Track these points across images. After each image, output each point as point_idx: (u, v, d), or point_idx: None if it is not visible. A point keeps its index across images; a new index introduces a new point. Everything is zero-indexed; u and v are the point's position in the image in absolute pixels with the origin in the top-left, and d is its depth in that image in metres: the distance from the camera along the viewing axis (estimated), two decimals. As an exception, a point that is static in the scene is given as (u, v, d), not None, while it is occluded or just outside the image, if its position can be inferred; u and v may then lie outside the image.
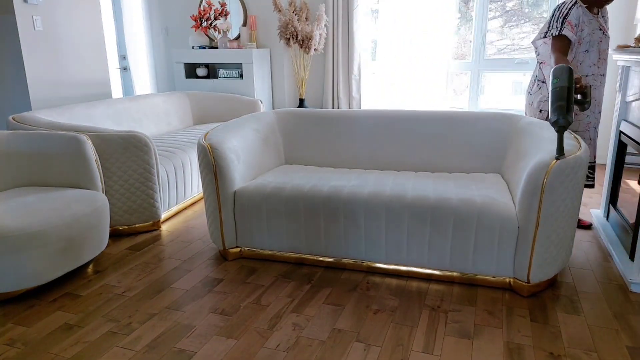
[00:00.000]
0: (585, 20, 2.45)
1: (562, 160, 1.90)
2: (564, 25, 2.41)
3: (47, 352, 1.74)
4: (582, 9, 2.45)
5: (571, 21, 2.41)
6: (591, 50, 2.50)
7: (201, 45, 4.91)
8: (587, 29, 2.45)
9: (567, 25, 2.41)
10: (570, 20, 2.41)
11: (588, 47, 2.49)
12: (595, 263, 2.40)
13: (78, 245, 2.21)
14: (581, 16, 2.44)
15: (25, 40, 3.34)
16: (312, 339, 1.80)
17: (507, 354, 1.70)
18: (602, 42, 2.51)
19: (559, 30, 2.41)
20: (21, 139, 2.51)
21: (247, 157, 2.60)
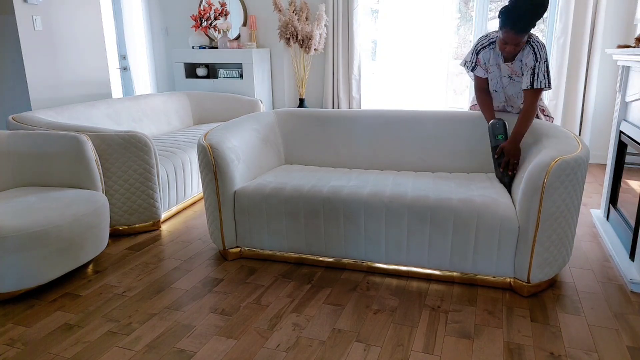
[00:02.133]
0: (493, 63, 2.42)
1: (562, 160, 1.90)
2: (476, 63, 2.46)
3: (47, 352, 1.74)
4: (494, 51, 2.40)
5: (480, 60, 2.44)
6: (497, 92, 2.54)
7: (201, 45, 4.91)
8: (494, 72, 2.45)
9: (478, 63, 2.45)
10: (480, 59, 2.44)
11: (495, 88, 2.52)
12: (595, 263, 2.40)
13: (78, 245, 2.20)
14: (490, 59, 2.42)
15: (25, 40, 3.34)
16: (312, 339, 1.80)
17: (507, 354, 1.70)
18: (508, 87, 2.49)
19: (472, 67, 2.47)
20: (21, 139, 2.51)
21: (247, 157, 2.60)
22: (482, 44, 2.43)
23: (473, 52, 2.46)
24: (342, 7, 4.66)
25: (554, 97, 4.29)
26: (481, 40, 2.44)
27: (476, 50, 2.44)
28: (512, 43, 2.22)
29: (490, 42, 2.41)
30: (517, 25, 2.12)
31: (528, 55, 2.30)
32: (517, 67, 2.37)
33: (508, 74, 2.42)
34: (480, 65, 2.45)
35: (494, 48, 2.39)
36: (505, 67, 2.40)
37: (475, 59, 2.45)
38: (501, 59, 2.39)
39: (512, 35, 2.17)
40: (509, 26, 2.14)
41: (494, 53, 2.40)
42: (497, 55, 2.40)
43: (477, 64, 2.46)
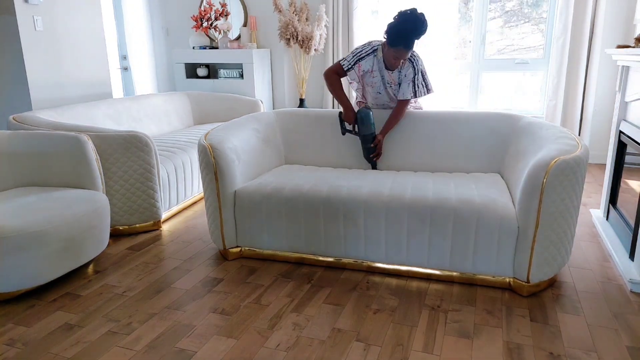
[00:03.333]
0: (376, 69, 2.63)
1: (562, 160, 1.90)
2: (354, 66, 2.63)
3: (47, 352, 1.74)
4: (377, 59, 2.60)
5: (361, 66, 2.63)
6: (381, 94, 2.74)
7: (202, 45, 4.91)
8: (377, 77, 2.65)
9: (356, 68, 2.63)
10: (361, 65, 2.63)
11: (378, 90, 2.72)
12: (595, 263, 2.40)
13: (78, 245, 2.21)
14: (373, 65, 2.62)
15: (26, 40, 3.34)
16: (312, 339, 1.80)
17: (506, 353, 1.71)
18: (382, 94, 2.74)
19: (348, 68, 2.64)
20: (22, 139, 2.52)
21: (248, 157, 2.60)
22: (365, 51, 2.62)
23: (355, 56, 2.63)
24: (342, 8, 4.67)
25: (553, 97, 4.29)
26: (365, 48, 2.63)
27: (359, 56, 2.62)
28: (402, 58, 2.48)
29: (373, 50, 2.61)
30: (408, 44, 2.40)
31: (408, 69, 2.59)
32: (395, 76, 2.63)
33: (389, 81, 2.65)
34: (355, 71, 2.65)
35: (377, 55, 2.60)
36: (387, 75, 2.63)
37: (356, 63, 2.63)
38: (383, 66, 2.61)
39: (404, 51, 2.43)
40: (402, 45, 2.40)
41: (377, 60, 2.61)
42: (379, 63, 2.61)
43: (353, 68, 2.64)
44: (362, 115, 2.60)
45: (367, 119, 2.60)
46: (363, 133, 2.63)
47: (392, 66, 2.56)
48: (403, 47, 2.41)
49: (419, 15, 2.39)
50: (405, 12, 2.41)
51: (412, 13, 2.39)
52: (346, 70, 2.65)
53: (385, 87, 2.70)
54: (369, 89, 2.75)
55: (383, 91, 2.72)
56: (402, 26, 2.38)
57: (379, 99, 2.79)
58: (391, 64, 2.54)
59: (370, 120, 2.61)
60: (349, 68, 2.64)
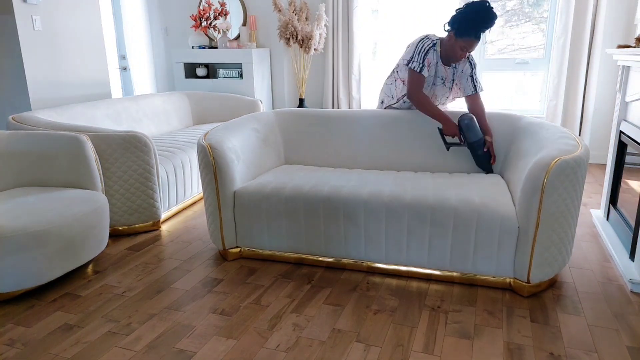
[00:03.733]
0: (434, 64, 2.55)
1: (562, 160, 1.90)
2: (424, 63, 2.50)
3: (47, 352, 1.74)
4: (437, 53, 2.53)
5: (429, 60, 2.52)
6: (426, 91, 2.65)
7: (201, 45, 4.90)
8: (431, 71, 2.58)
9: (426, 63, 2.51)
10: (429, 59, 2.52)
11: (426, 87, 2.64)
12: (595, 263, 2.40)
13: (78, 245, 2.20)
14: (432, 60, 2.53)
15: (25, 40, 3.33)
16: (312, 339, 1.80)
17: (507, 354, 1.70)
18: (439, 88, 2.65)
19: (420, 68, 2.50)
20: (21, 139, 2.51)
21: (247, 157, 2.60)
22: (428, 45, 2.51)
23: (420, 53, 2.51)
24: (342, 7, 4.66)
25: (554, 97, 4.29)
26: (425, 42, 2.52)
27: (424, 51, 2.50)
28: (471, 49, 2.38)
29: (433, 43, 2.51)
30: (479, 35, 2.32)
31: (464, 64, 2.54)
32: (450, 72, 2.57)
33: (443, 76, 2.56)
34: (428, 66, 2.52)
35: (436, 50, 2.52)
36: (442, 70, 2.54)
37: (424, 60, 2.50)
38: (440, 61, 2.53)
39: (475, 41, 2.35)
40: (473, 35, 2.32)
41: (436, 54, 2.53)
42: (438, 57, 2.54)
43: (424, 65, 2.50)
44: (467, 122, 2.46)
45: (472, 125, 2.45)
46: (471, 140, 2.47)
47: (456, 59, 2.48)
48: (474, 37, 2.33)
49: (489, 6, 2.32)
50: (474, 2, 2.34)
51: (482, 3, 2.32)
52: (420, 71, 2.50)
53: (434, 84, 2.61)
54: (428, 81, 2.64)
55: (428, 87, 2.63)
56: (473, 16, 2.30)
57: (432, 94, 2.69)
58: (456, 56, 2.46)
59: (476, 126, 2.46)
60: (421, 67, 2.50)
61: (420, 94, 2.54)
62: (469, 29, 2.32)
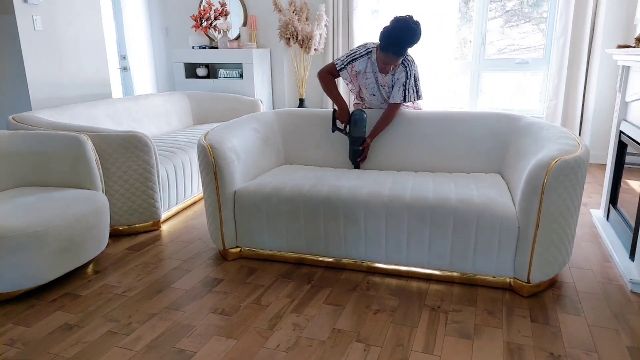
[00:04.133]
0: (370, 71, 2.64)
1: (562, 160, 1.90)
2: (347, 66, 2.66)
3: (47, 352, 1.74)
4: (370, 61, 2.62)
5: (354, 66, 2.65)
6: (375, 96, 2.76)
7: (201, 45, 4.91)
8: (363, 78, 2.69)
9: (350, 68, 2.65)
10: (354, 65, 2.65)
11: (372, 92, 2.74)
12: (595, 263, 2.40)
13: (78, 245, 2.21)
14: (367, 67, 2.64)
15: (25, 40, 3.34)
16: (312, 339, 1.80)
17: (507, 354, 1.70)
18: (376, 95, 2.76)
19: (341, 68, 2.67)
20: (21, 139, 2.51)
21: (247, 157, 2.60)
22: (360, 53, 2.63)
23: (349, 57, 2.65)
24: (342, 8, 4.66)
25: (553, 97, 4.29)
26: (359, 50, 2.64)
27: (353, 57, 2.64)
28: (392, 64, 2.49)
29: (368, 52, 2.62)
30: (398, 52, 2.39)
31: (401, 73, 2.59)
32: (388, 79, 2.64)
33: (382, 84, 2.67)
34: (348, 71, 2.67)
35: (370, 58, 2.62)
36: (380, 77, 2.64)
37: (349, 63, 2.65)
38: (377, 69, 2.62)
39: (394, 58, 2.43)
40: (391, 51, 2.40)
41: (370, 62, 2.62)
42: (373, 65, 2.62)
43: (346, 68, 2.66)
44: (357, 118, 2.62)
45: (360, 122, 2.63)
46: (354, 135, 2.66)
47: (382, 70, 2.59)
48: (392, 54, 2.41)
49: (413, 24, 2.37)
50: (399, 18, 2.39)
51: (406, 21, 2.37)
52: (339, 69, 2.67)
53: (379, 89, 2.71)
54: (364, 89, 2.77)
55: (377, 93, 2.74)
56: (394, 33, 2.36)
57: (374, 100, 2.81)
58: (382, 68, 2.56)
59: (363, 124, 2.64)
60: (342, 68, 2.67)
61: (326, 76, 2.71)
62: (389, 45, 2.39)
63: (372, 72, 2.64)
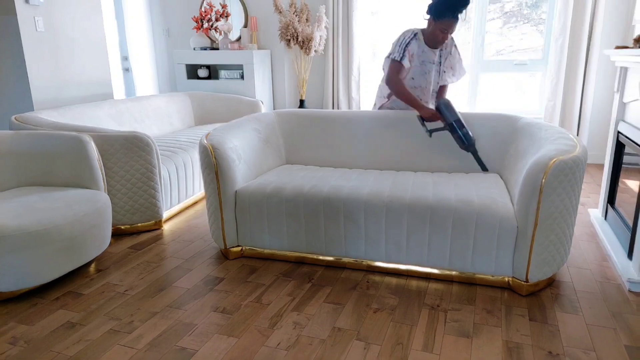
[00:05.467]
0: (419, 52, 2.71)
1: (560, 160, 1.92)
2: (405, 53, 2.66)
3: (50, 351, 1.75)
4: (419, 42, 2.69)
5: (410, 50, 2.66)
6: (417, 79, 2.78)
7: (202, 46, 4.92)
8: (417, 60, 2.72)
9: (407, 54, 2.66)
10: (410, 50, 2.66)
11: (414, 75, 2.77)
12: (593, 262, 2.42)
13: (80, 244, 2.22)
14: (417, 49, 2.69)
15: (27, 41, 3.36)
16: (312, 338, 1.82)
17: (506, 352, 1.72)
18: (430, 72, 2.78)
19: (401, 57, 2.65)
20: (24, 139, 2.53)
21: (248, 157, 2.62)
22: (408, 37, 2.68)
23: (401, 45, 2.67)
24: (342, 9, 4.68)
25: (552, 98, 4.31)
26: (406, 35, 2.69)
27: (406, 43, 2.67)
28: (450, 29, 2.56)
29: (414, 34, 2.68)
30: (455, 14, 2.50)
31: (451, 46, 2.73)
32: (437, 54, 2.73)
33: (432, 60, 2.73)
34: (407, 58, 2.67)
35: (418, 39, 2.69)
36: (431, 55, 2.71)
37: (404, 50, 2.66)
38: (426, 48, 2.70)
39: (453, 22, 2.52)
40: (450, 15, 2.49)
41: (419, 43, 2.69)
42: (422, 44, 2.70)
43: (405, 56, 2.66)
44: (445, 104, 2.54)
45: (449, 106, 2.54)
46: (452, 120, 2.52)
47: (439, 42, 2.64)
48: (452, 17, 2.50)
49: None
50: None
51: None
52: (401, 60, 2.64)
53: (427, 70, 2.75)
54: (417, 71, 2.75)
55: (431, 69, 2.76)
56: None
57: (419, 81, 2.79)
58: (438, 39, 2.62)
59: (452, 105, 2.55)
60: (402, 57, 2.64)
61: (398, 81, 2.66)
62: (445, 11, 2.49)
63: (423, 51, 2.70)
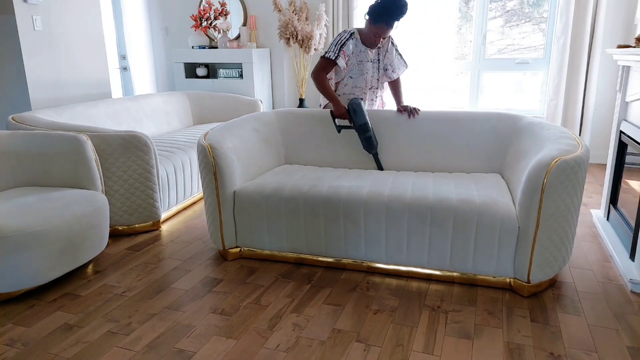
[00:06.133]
0: (356, 51, 2.77)
1: (562, 160, 1.90)
2: (340, 53, 2.72)
3: (47, 352, 1.74)
4: (356, 41, 2.76)
5: (345, 51, 2.73)
6: (356, 78, 2.84)
7: (201, 45, 4.90)
8: (354, 59, 2.79)
9: (342, 54, 2.73)
10: (345, 50, 2.73)
11: (353, 74, 2.83)
12: (595, 263, 2.40)
13: (78, 245, 2.20)
14: (354, 48, 2.76)
15: (25, 40, 3.34)
16: (312, 339, 1.80)
17: (507, 354, 1.70)
18: (368, 72, 2.84)
19: (335, 56, 2.71)
20: (21, 139, 2.51)
21: (247, 157, 2.60)
22: (344, 37, 2.74)
23: (337, 45, 2.73)
24: (342, 7, 4.66)
25: (554, 97, 4.29)
26: (341, 36, 2.75)
27: (342, 43, 2.73)
28: (384, 35, 2.66)
29: (350, 33, 2.75)
30: (390, 22, 2.59)
31: (387, 43, 2.81)
32: (375, 53, 2.82)
33: (371, 59, 2.80)
34: (342, 57, 2.73)
35: (355, 38, 2.75)
36: (369, 53, 2.79)
37: (340, 50, 2.72)
38: (363, 47, 2.77)
39: (386, 29, 2.62)
40: (384, 21, 2.57)
41: (356, 42, 2.76)
42: (359, 44, 2.77)
43: (339, 55, 2.72)
44: (355, 106, 2.65)
45: (359, 108, 2.65)
46: (359, 123, 2.64)
47: (372, 44, 2.73)
48: (385, 24, 2.59)
49: None
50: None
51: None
52: (335, 59, 2.70)
53: (366, 69, 2.82)
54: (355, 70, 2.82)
55: (370, 69, 2.84)
56: (386, 4, 2.55)
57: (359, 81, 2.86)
58: (371, 41, 2.71)
59: (362, 109, 2.65)
60: (337, 56, 2.71)
61: (321, 75, 2.74)
62: (381, 17, 2.57)
63: (360, 50, 2.78)
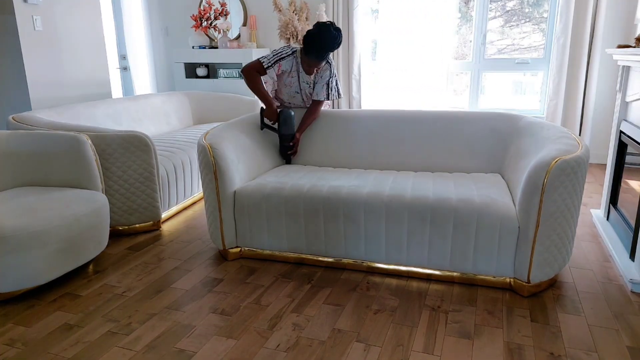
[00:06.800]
0: (292, 71, 2.77)
1: (562, 160, 1.90)
2: (275, 65, 2.71)
3: (47, 352, 1.74)
4: (297, 60, 2.75)
5: (281, 65, 2.73)
6: (298, 94, 2.87)
7: (201, 45, 4.90)
8: (287, 78, 2.80)
9: (276, 67, 2.72)
10: (281, 65, 2.73)
11: (296, 90, 2.85)
12: (595, 263, 2.40)
13: (78, 245, 2.20)
14: (292, 66, 2.76)
15: (25, 40, 3.34)
16: (312, 339, 1.80)
17: (507, 354, 1.70)
18: (304, 91, 2.85)
19: (268, 65, 2.69)
20: (21, 139, 2.51)
21: (247, 157, 2.60)
22: (286, 52, 2.73)
23: (276, 56, 2.72)
24: (342, 7, 4.66)
25: (554, 97, 4.29)
26: (285, 50, 2.73)
27: (280, 56, 2.72)
28: (315, 67, 2.68)
29: (293, 51, 2.74)
30: (320, 56, 2.58)
31: (325, 71, 2.76)
32: (311, 77, 2.79)
33: (307, 81, 2.80)
34: (275, 70, 2.72)
35: (296, 57, 2.75)
36: (304, 76, 2.78)
37: (276, 62, 2.71)
38: (301, 69, 2.76)
39: (316, 62, 2.62)
40: (314, 56, 2.58)
41: (296, 62, 2.75)
42: (298, 65, 2.76)
43: (273, 67, 2.70)
44: (286, 116, 2.70)
45: (290, 120, 2.71)
46: (284, 132, 2.74)
47: (307, 72, 2.75)
48: (315, 58, 2.59)
49: (335, 30, 2.54)
50: (322, 24, 2.55)
51: (327, 27, 2.54)
52: (266, 67, 2.69)
53: (301, 89, 2.83)
54: (286, 89, 2.86)
55: (299, 92, 2.85)
56: (317, 38, 2.54)
57: (295, 99, 2.90)
58: (306, 70, 2.73)
59: (292, 121, 2.72)
60: (269, 66, 2.69)
61: (252, 73, 2.69)
62: (311, 50, 2.57)
63: (297, 71, 2.77)
